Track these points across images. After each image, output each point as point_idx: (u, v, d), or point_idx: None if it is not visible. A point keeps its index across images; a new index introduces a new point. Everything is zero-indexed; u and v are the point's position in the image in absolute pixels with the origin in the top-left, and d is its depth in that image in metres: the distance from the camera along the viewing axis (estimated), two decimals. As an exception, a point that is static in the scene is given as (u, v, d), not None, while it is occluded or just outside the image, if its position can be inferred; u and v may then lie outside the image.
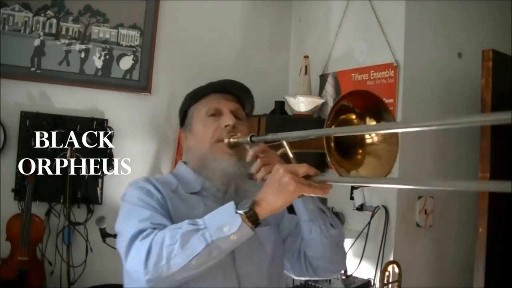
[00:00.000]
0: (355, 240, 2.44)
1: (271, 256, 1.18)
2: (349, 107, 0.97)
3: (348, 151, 0.98)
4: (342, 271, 1.33)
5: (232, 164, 1.15)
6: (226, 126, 1.17)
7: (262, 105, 2.94)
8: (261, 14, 3.17)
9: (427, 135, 2.49)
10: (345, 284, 2.29)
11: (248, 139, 1.10)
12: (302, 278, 1.29)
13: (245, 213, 0.94)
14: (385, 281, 2.19)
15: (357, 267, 2.40)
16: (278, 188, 0.94)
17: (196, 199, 1.16)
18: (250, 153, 1.09)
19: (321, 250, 1.16)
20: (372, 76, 2.54)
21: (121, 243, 1.03)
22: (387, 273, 2.20)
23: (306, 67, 2.80)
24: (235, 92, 1.27)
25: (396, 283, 2.22)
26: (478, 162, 2.25)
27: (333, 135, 0.93)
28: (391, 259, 2.30)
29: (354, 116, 0.97)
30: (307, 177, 0.95)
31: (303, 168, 0.95)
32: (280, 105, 2.84)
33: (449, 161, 2.55)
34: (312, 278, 1.27)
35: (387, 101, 2.44)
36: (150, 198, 1.08)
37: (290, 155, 1.02)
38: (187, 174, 1.21)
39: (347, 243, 2.48)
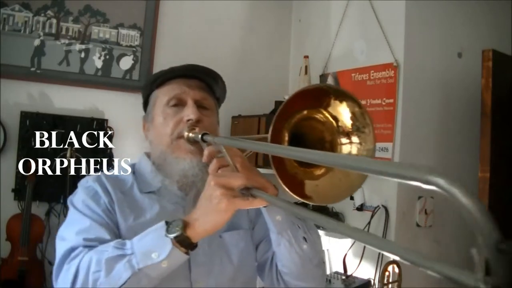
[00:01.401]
0: (355, 240, 2.44)
1: (236, 267, 1.04)
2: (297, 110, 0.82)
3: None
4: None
5: (194, 164, 1.01)
6: (188, 120, 1.02)
7: (262, 105, 2.95)
8: (261, 14, 3.17)
9: (427, 135, 2.49)
10: (345, 284, 2.29)
11: (199, 137, 0.95)
12: None
13: (175, 237, 0.82)
14: (385, 281, 2.19)
15: (357, 267, 2.40)
16: (209, 206, 0.82)
17: (151, 200, 1.03)
18: (205, 152, 0.93)
19: (289, 266, 1.02)
20: (372, 76, 2.54)
21: (56, 257, 0.92)
22: (387, 273, 2.20)
23: (306, 67, 2.80)
24: (201, 77, 1.11)
25: (396, 283, 2.21)
26: (478, 162, 2.26)
27: (283, 156, 0.75)
28: (391, 259, 2.30)
29: (313, 112, 0.82)
30: (247, 188, 0.82)
31: (238, 181, 0.82)
32: (280, 105, 2.84)
33: (449, 161, 2.55)
34: None
35: (387, 101, 2.44)
36: (95, 203, 0.98)
37: (230, 162, 0.87)
38: (146, 170, 1.09)
39: (347, 243, 2.49)
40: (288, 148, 0.75)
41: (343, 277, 2.34)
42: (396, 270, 2.23)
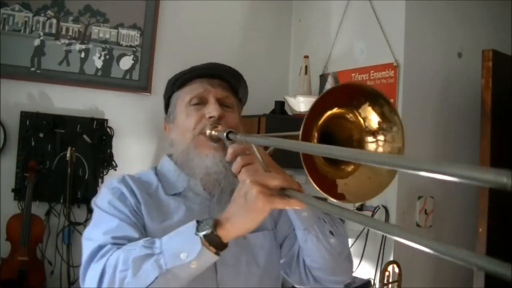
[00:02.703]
0: (355, 240, 2.44)
1: (263, 270, 1.03)
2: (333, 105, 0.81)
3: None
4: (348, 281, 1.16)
5: (217, 160, 1.00)
6: (210, 117, 1.02)
7: (262, 105, 2.95)
8: (261, 14, 3.17)
9: (427, 135, 2.49)
10: (345, 284, 2.29)
11: (224, 135, 0.95)
12: None
13: (205, 236, 0.79)
14: (385, 281, 2.19)
15: (357, 267, 2.40)
16: (244, 205, 0.79)
17: (177, 202, 1.02)
18: (229, 150, 0.92)
19: (319, 261, 1.02)
20: (372, 76, 2.54)
21: (83, 257, 0.91)
22: (387, 273, 2.20)
23: (306, 67, 2.80)
24: (223, 76, 1.10)
25: (396, 283, 2.22)
26: (478, 162, 2.25)
27: (314, 154, 0.74)
28: (391, 259, 2.30)
29: (343, 110, 0.82)
30: (281, 189, 0.80)
31: (275, 181, 0.79)
32: (280, 105, 2.84)
33: (449, 160, 2.55)
34: None
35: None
36: (122, 204, 0.97)
37: (260, 159, 0.86)
38: (170, 172, 1.08)
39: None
40: (324, 146, 0.72)
41: (343, 277, 2.34)
42: (396, 270, 2.23)
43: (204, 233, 0.79)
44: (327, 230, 1.00)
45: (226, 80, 1.10)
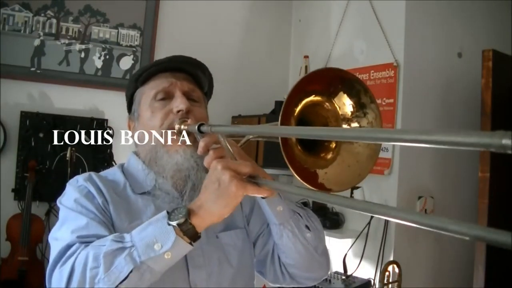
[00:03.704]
0: (355, 240, 2.44)
1: (236, 269, 1.01)
2: (312, 92, 0.80)
3: (315, 142, 0.79)
4: (324, 277, 1.13)
5: (188, 156, 0.97)
6: (178, 111, 0.98)
7: (262, 105, 2.95)
8: (261, 14, 3.17)
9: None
10: (345, 284, 2.29)
11: (196, 128, 0.90)
12: (280, 286, 1.09)
13: (179, 225, 0.78)
14: (385, 281, 2.19)
15: (357, 267, 2.40)
16: (217, 190, 0.78)
17: (146, 201, 0.98)
18: (200, 144, 0.88)
19: (295, 257, 1.00)
20: (372, 76, 2.54)
21: (50, 257, 0.87)
22: (387, 273, 2.20)
23: (306, 67, 2.80)
24: (188, 69, 1.06)
25: (396, 283, 2.22)
26: (478, 162, 2.26)
27: (286, 136, 0.74)
28: (391, 259, 2.30)
29: (320, 98, 0.80)
30: (251, 177, 0.80)
31: (246, 168, 0.79)
32: (280, 105, 2.82)
33: (449, 160, 2.55)
34: (291, 286, 1.07)
35: (387, 101, 2.44)
36: (89, 202, 0.93)
37: (230, 150, 0.85)
38: (138, 171, 1.03)
39: (347, 243, 2.48)
40: (298, 128, 0.71)
41: (343, 277, 2.34)
42: (396, 270, 2.23)
43: (177, 222, 0.78)
44: (302, 224, 0.98)
45: (191, 73, 1.06)
